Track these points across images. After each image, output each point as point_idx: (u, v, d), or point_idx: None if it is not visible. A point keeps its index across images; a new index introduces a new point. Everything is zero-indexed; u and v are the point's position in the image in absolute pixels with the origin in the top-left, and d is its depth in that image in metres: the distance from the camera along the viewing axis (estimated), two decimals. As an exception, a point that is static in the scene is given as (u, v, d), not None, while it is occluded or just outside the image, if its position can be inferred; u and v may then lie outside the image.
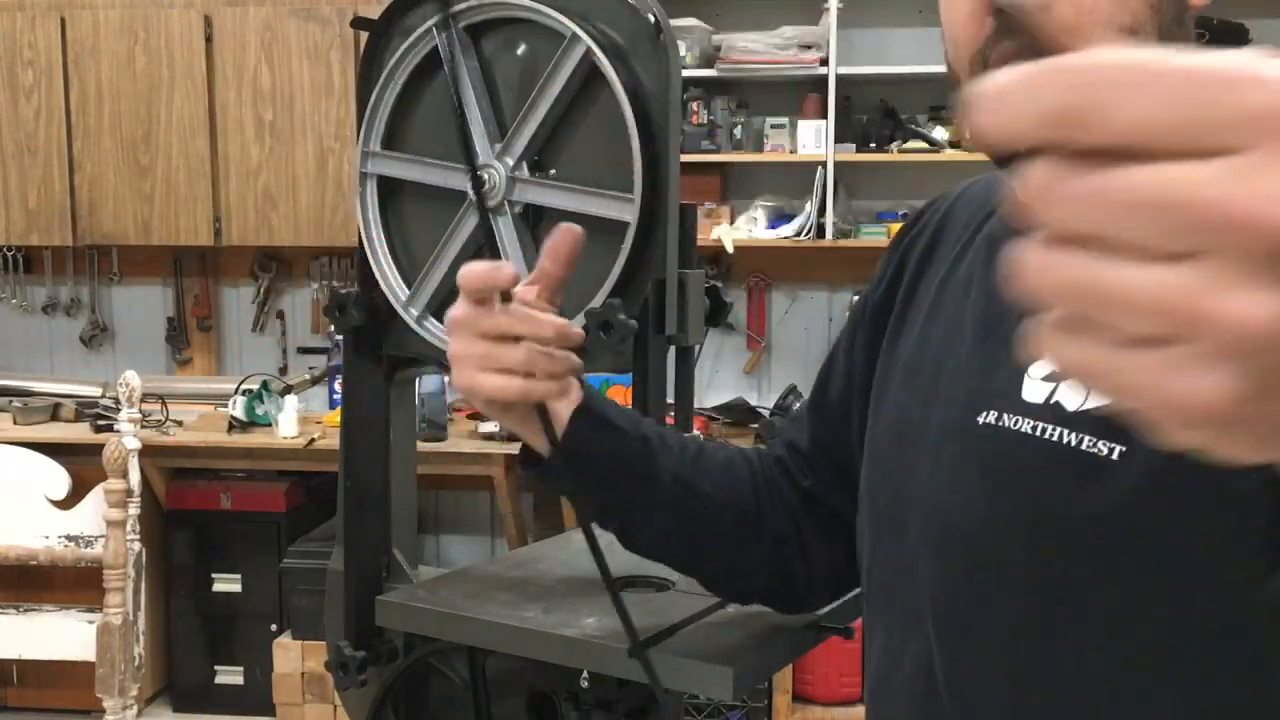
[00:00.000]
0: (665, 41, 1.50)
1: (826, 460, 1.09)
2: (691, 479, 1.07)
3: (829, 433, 1.09)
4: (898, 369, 0.96)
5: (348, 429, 1.76)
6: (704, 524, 1.09)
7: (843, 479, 1.06)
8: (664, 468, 1.06)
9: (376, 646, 1.71)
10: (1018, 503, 0.81)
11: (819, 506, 1.10)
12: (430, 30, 1.61)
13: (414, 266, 1.70)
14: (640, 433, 1.07)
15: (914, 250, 1.03)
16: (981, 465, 0.84)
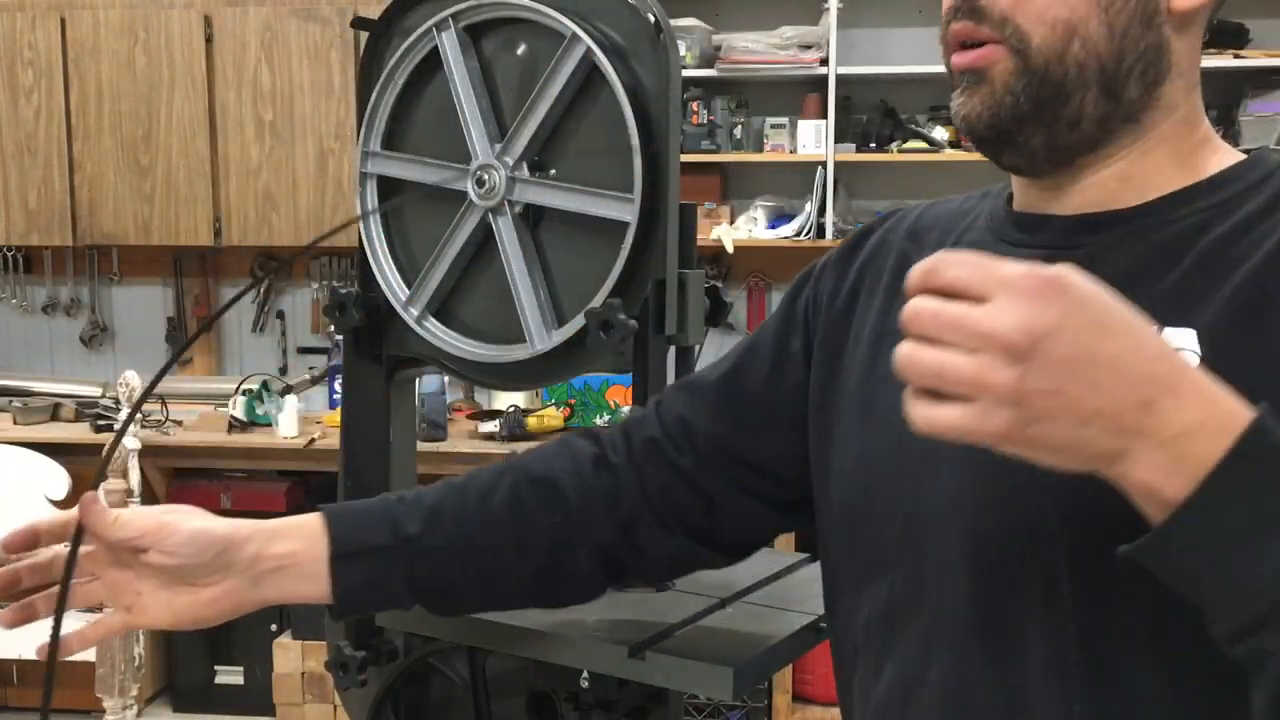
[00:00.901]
0: (665, 41, 1.50)
1: (716, 447, 1.05)
2: (478, 540, 1.04)
3: (731, 421, 1.05)
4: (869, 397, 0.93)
5: (348, 429, 1.76)
6: (508, 571, 1.07)
7: (728, 468, 1.04)
8: (445, 550, 1.04)
9: (376, 646, 1.71)
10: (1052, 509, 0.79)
11: (685, 488, 1.06)
12: (430, 30, 1.61)
13: (414, 266, 1.70)
14: (400, 535, 1.03)
15: (873, 267, 1.00)
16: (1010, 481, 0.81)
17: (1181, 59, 0.84)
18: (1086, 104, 0.83)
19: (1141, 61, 0.82)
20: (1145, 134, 0.84)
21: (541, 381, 1.88)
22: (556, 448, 1.11)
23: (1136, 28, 0.82)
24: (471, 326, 1.68)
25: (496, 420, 3.93)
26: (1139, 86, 0.83)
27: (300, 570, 1.01)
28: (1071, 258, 0.74)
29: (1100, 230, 0.84)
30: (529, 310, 1.59)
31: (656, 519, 1.07)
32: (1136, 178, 0.85)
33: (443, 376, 3.76)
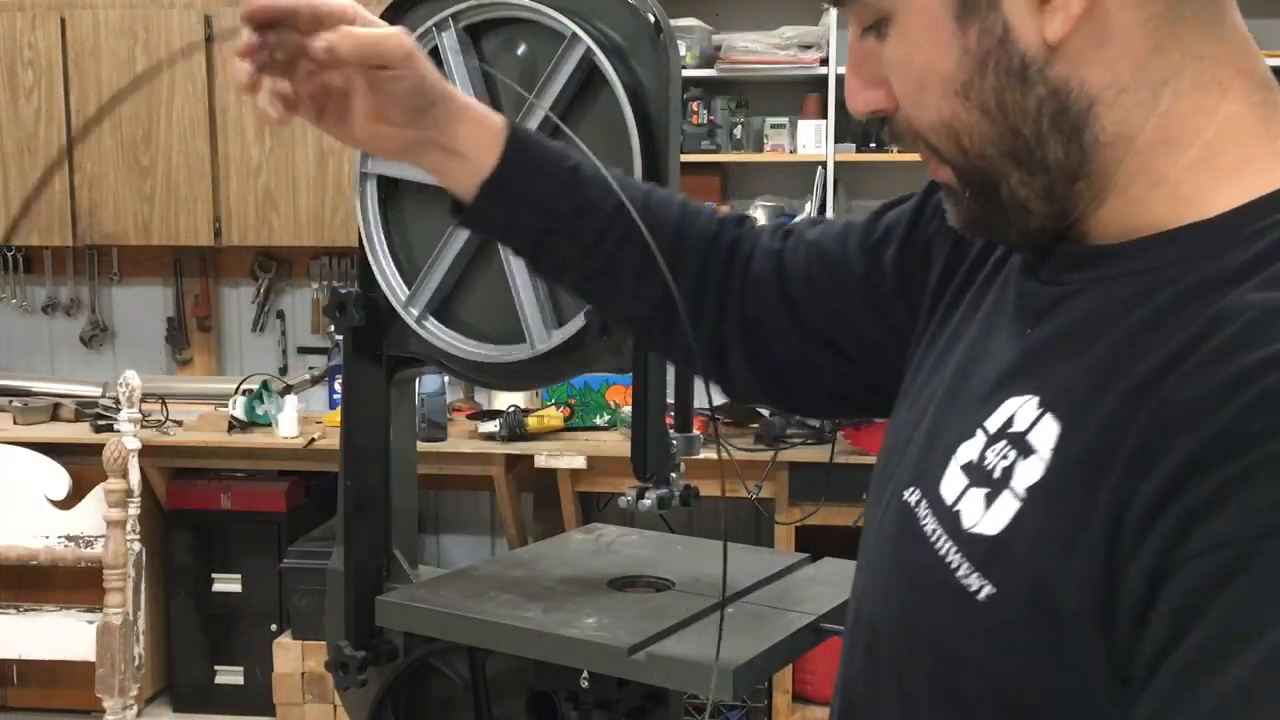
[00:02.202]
0: (665, 41, 1.50)
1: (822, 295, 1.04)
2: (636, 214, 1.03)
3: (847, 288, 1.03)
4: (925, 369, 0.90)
5: (348, 429, 1.76)
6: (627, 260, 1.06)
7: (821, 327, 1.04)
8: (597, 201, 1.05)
9: (376, 646, 1.71)
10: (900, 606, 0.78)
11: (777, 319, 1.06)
12: (430, 30, 1.61)
13: (414, 266, 1.70)
14: (568, 164, 1.05)
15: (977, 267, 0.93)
16: (893, 549, 0.79)
17: (1102, 81, 0.70)
18: (1019, 188, 0.74)
19: (1042, 119, 0.71)
20: (1109, 176, 0.72)
21: (541, 381, 1.88)
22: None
23: (1013, 94, 0.71)
24: (471, 326, 1.68)
25: (496, 420, 3.93)
26: (1059, 143, 0.71)
27: (461, 169, 1.03)
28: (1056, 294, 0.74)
29: (1084, 268, 0.74)
30: (529, 310, 1.59)
31: (758, 330, 1.07)
32: (1122, 217, 0.72)
33: (443, 376, 3.76)
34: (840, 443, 3.77)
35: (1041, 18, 0.69)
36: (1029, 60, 0.70)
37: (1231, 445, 0.58)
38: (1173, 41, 0.69)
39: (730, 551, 1.93)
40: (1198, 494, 0.59)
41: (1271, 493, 0.56)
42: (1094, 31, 0.69)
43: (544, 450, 3.81)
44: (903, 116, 0.77)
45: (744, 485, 3.75)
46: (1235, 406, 0.59)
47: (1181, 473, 0.60)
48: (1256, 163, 0.69)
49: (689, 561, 1.82)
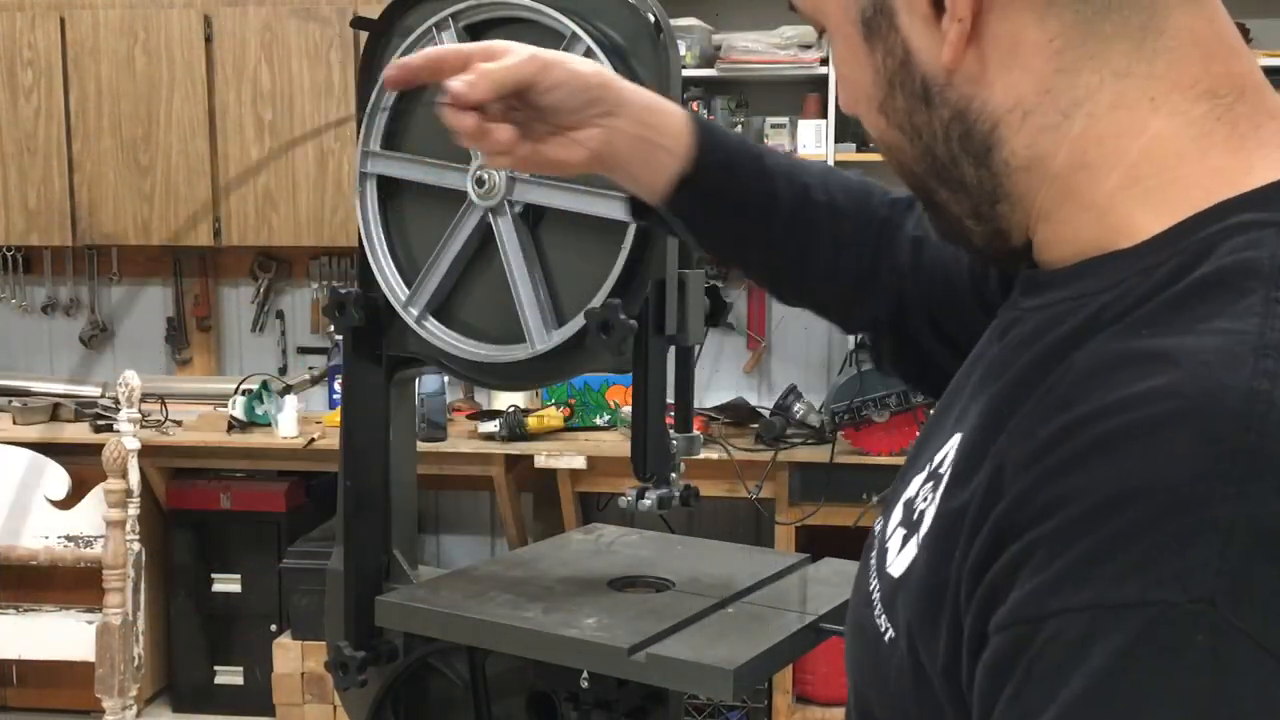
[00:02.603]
0: (665, 41, 1.50)
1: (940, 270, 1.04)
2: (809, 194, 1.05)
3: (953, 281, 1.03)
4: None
5: (348, 429, 1.76)
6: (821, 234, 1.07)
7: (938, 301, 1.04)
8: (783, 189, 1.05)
9: (376, 646, 1.71)
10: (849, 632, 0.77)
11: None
12: (430, 30, 1.61)
13: (414, 266, 1.70)
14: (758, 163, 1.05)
15: None
16: (858, 573, 0.78)
17: (1005, 103, 0.67)
18: (950, 205, 0.72)
19: (950, 141, 0.69)
20: (1030, 200, 0.68)
21: (541, 381, 1.88)
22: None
23: (920, 116, 0.70)
24: (471, 326, 1.68)
25: (496, 420, 3.93)
26: (971, 165, 0.69)
27: (653, 162, 1.01)
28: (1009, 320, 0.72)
29: (1030, 293, 0.71)
30: (529, 310, 1.59)
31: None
32: (1059, 242, 0.69)
33: (443, 376, 3.76)
34: (840, 443, 3.77)
35: (936, 39, 0.67)
36: (930, 81, 0.68)
37: (1027, 516, 0.56)
38: (1086, 61, 0.65)
39: (730, 552, 1.93)
40: (1000, 565, 0.57)
41: (1049, 571, 0.54)
42: (990, 53, 0.66)
43: (544, 450, 3.81)
44: None
45: (744, 485, 3.75)
46: (1035, 472, 0.56)
47: (995, 540, 0.58)
48: (1184, 183, 0.64)
49: (689, 561, 1.82)
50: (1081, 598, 0.52)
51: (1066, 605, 0.52)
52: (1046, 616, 0.53)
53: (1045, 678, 0.53)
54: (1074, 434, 0.56)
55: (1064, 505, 0.54)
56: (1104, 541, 0.52)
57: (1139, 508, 0.52)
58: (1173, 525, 0.51)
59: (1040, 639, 0.53)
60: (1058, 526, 0.54)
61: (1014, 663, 0.54)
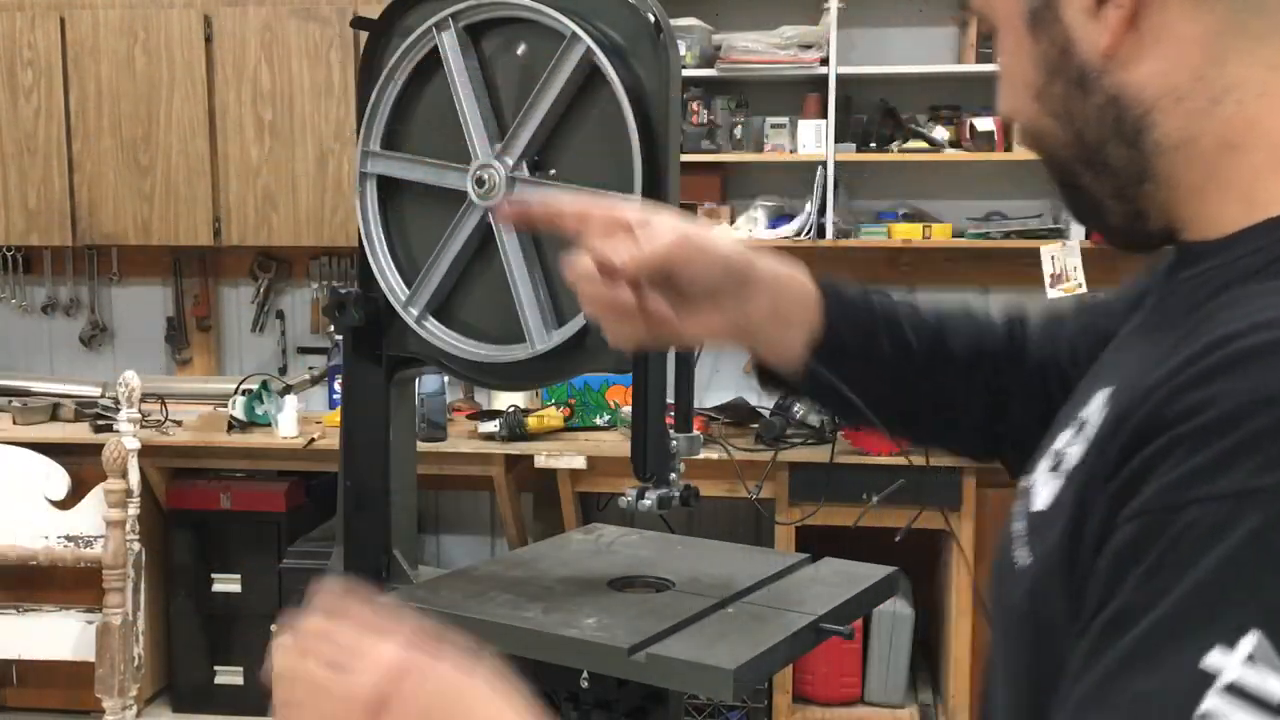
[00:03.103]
0: (665, 41, 1.50)
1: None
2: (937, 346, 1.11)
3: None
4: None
5: (348, 429, 1.76)
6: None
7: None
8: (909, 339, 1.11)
9: (376, 646, 1.71)
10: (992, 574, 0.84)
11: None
12: (430, 30, 1.61)
13: (414, 266, 1.70)
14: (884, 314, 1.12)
15: None
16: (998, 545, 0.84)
17: (1159, 89, 0.73)
18: (1093, 188, 0.79)
19: (1103, 125, 0.75)
20: (1179, 179, 0.74)
21: (541, 381, 1.88)
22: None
23: (1076, 100, 0.76)
24: (471, 326, 1.68)
25: (496, 420, 3.93)
26: (1121, 148, 0.75)
27: (785, 337, 1.09)
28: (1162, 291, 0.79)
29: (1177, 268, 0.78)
30: (529, 310, 1.59)
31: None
32: (1205, 219, 0.75)
33: (443, 376, 3.76)
34: (840, 443, 3.77)
35: (1096, 28, 0.74)
36: (1088, 68, 0.75)
37: (1166, 419, 0.62)
38: (1236, 54, 0.71)
39: (730, 552, 1.93)
40: (1138, 461, 0.63)
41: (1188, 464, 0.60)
42: (1147, 43, 0.73)
43: (544, 450, 3.81)
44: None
45: (744, 485, 3.75)
46: (1176, 383, 0.63)
47: (1132, 443, 0.64)
48: None
49: (689, 561, 1.82)
50: (1222, 487, 0.58)
51: (1209, 494, 0.58)
52: (1187, 504, 0.59)
53: (1182, 558, 0.58)
54: (1213, 350, 0.62)
55: (1204, 409, 0.60)
56: (1246, 438, 0.58)
57: (1272, 411, 0.58)
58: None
59: (1179, 524, 0.59)
60: (1198, 426, 0.60)
61: (1148, 546, 0.60)
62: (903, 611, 3.85)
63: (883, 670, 3.88)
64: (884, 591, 1.80)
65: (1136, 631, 0.59)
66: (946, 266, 4.28)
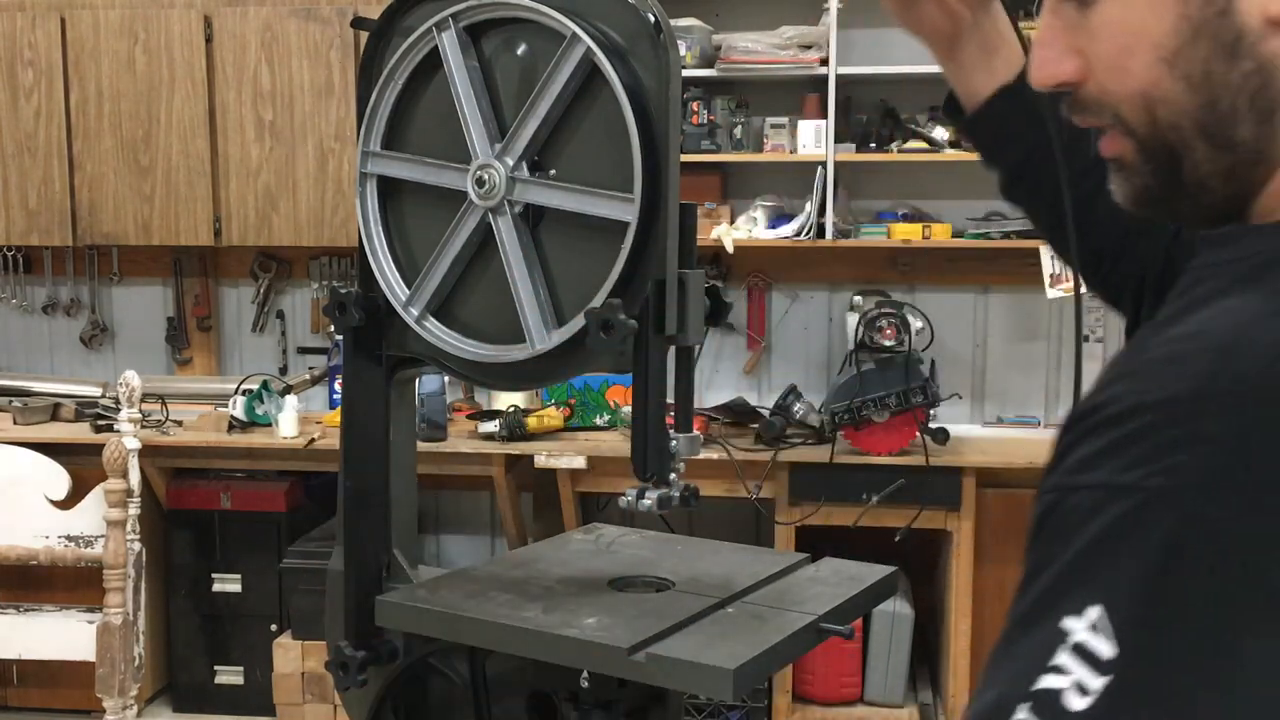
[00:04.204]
0: (665, 41, 1.50)
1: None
2: None
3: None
4: None
5: (348, 429, 1.76)
6: None
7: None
8: None
9: (376, 646, 1.71)
10: None
11: None
12: (430, 30, 1.61)
13: (414, 266, 1.70)
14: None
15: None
16: None
17: None
18: (1202, 164, 0.76)
19: (1242, 96, 0.73)
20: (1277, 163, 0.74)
21: (541, 381, 1.88)
22: None
23: (1219, 66, 0.73)
24: (471, 326, 1.68)
25: (496, 420, 3.93)
26: (1252, 121, 0.73)
27: (986, 65, 1.23)
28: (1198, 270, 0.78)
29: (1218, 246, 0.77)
30: (529, 310, 1.59)
31: None
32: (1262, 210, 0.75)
33: (443, 376, 3.76)
34: (840, 443, 3.77)
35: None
36: (1245, 33, 0.72)
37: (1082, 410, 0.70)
38: None
39: (730, 552, 1.93)
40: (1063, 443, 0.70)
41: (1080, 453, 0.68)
42: None
43: (544, 450, 3.81)
44: (1095, 86, 0.79)
45: (744, 485, 3.75)
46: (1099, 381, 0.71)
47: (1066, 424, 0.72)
48: None
49: (689, 561, 1.82)
50: (1097, 477, 0.66)
51: (1086, 482, 0.67)
52: (1075, 488, 0.67)
53: (1062, 535, 0.67)
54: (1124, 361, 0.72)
55: (1105, 406, 0.68)
56: (1121, 437, 0.66)
57: (1148, 414, 0.65)
58: (1168, 429, 0.64)
59: (1067, 504, 0.67)
60: (1097, 420, 0.68)
61: (1046, 521, 0.69)
62: (903, 611, 3.85)
63: (882, 670, 3.88)
64: (884, 591, 1.80)
65: (1028, 597, 0.68)
66: (946, 266, 4.28)
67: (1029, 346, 4.33)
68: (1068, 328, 4.30)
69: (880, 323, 3.73)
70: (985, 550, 3.76)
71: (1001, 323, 4.36)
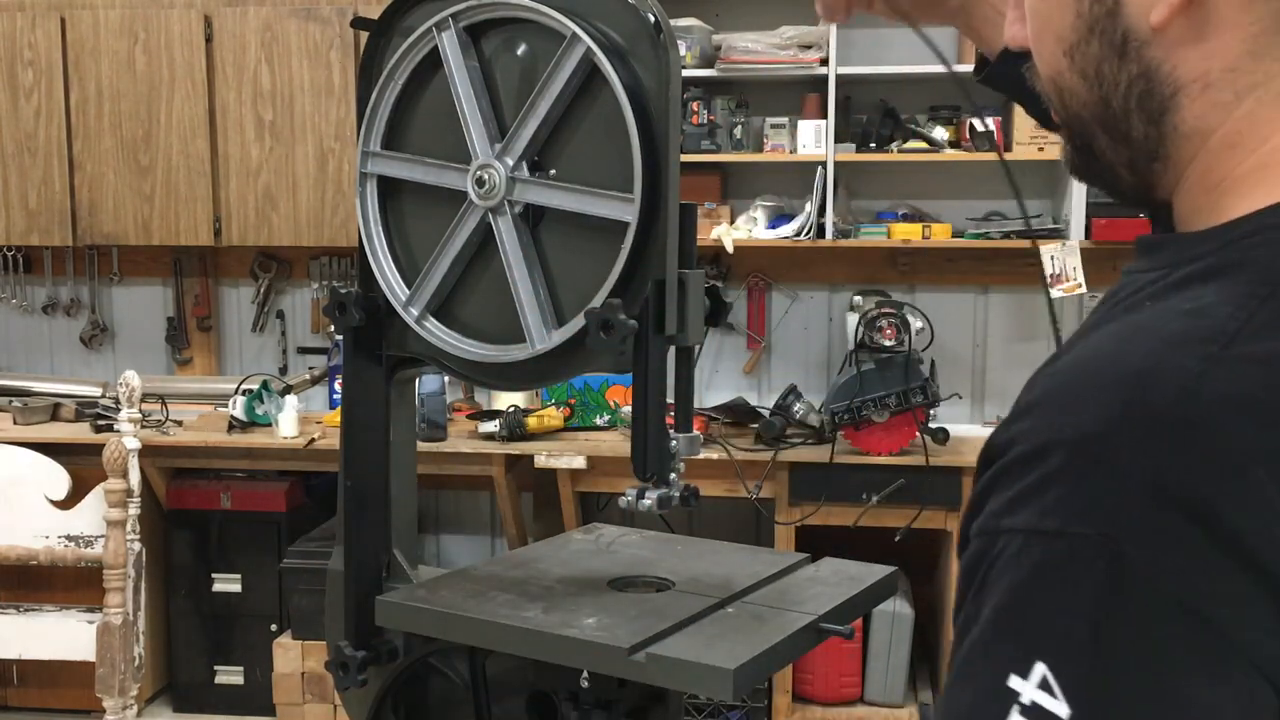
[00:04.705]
0: (665, 41, 1.50)
1: None
2: None
3: None
4: None
5: (348, 429, 1.76)
6: None
7: None
8: None
9: (376, 646, 1.71)
10: None
11: None
12: (430, 30, 1.61)
13: (414, 266, 1.70)
14: None
15: None
16: None
17: (1192, 73, 0.71)
18: (1106, 151, 0.78)
19: (1130, 96, 0.74)
20: (1184, 168, 0.74)
21: (541, 381, 1.88)
22: None
23: (1109, 66, 0.74)
24: (471, 326, 1.68)
25: (496, 420, 3.93)
26: (1142, 122, 0.74)
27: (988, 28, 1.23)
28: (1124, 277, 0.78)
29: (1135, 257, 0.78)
30: (529, 310, 1.59)
31: None
32: (1184, 211, 0.76)
33: (443, 376, 3.76)
34: (840, 443, 3.77)
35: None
36: (1130, 36, 0.73)
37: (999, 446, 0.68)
38: (1274, 53, 0.70)
39: (730, 552, 1.93)
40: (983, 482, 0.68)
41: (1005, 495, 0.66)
42: (1196, 23, 0.71)
43: (544, 450, 3.81)
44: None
45: (744, 485, 3.76)
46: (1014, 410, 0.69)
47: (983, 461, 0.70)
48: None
49: (689, 561, 1.82)
50: (1019, 521, 0.64)
51: (1010, 526, 0.65)
52: (1000, 531, 0.65)
53: (991, 583, 0.65)
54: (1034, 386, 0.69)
55: (1017, 443, 0.66)
56: (1038, 480, 0.64)
57: (1062, 453, 0.63)
58: (1085, 469, 0.62)
59: (995, 550, 0.65)
60: (1013, 459, 0.66)
61: (977, 566, 0.67)
62: (903, 611, 3.85)
63: (882, 670, 3.88)
64: (884, 591, 1.80)
65: (964, 647, 0.66)
66: (946, 266, 4.28)
67: (1029, 346, 4.33)
68: (1068, 328, 4.30)
69: (880, 323, 3.73)
70: (985, 550, 3.76)
71: (1001, 323, 4.36)
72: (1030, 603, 0.63)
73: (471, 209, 1.61)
